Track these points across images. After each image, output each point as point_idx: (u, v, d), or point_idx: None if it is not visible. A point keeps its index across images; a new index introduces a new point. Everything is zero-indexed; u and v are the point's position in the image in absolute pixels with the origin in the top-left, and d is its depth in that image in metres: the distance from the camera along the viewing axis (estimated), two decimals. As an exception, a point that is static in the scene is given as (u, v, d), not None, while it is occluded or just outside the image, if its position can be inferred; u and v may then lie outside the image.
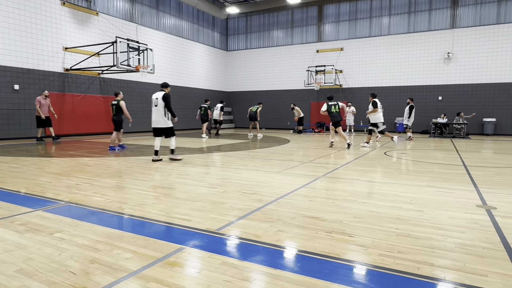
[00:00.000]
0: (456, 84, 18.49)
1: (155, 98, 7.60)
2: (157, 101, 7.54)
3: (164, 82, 7.84)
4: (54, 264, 2.46)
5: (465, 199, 4.42)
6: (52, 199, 4.33)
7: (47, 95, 12.37)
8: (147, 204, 4.11)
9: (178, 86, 20.64)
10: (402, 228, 3.26)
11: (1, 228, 3.22)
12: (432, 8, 18.97)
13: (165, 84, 7.79)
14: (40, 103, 12.08)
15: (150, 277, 2.27)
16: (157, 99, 7.57)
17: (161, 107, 7.54)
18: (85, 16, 15.27)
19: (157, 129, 7.71)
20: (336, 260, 2.55)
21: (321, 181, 5.61)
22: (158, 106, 7.54)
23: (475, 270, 2.39)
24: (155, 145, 7.79)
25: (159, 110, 7.56)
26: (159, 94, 7.61)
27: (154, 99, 7.62)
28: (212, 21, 23.84)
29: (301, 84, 22.18)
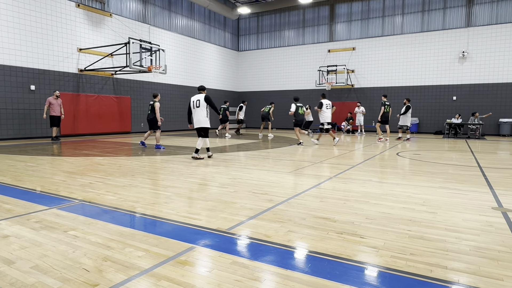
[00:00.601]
0: (471, 84, 18.13)
1: (196, 100, 8.03)
2: (199, 103, 8.00)
3: (202, 86, 8.28)
4: (68, 261, 2.51)
5: (480, 201, 4.33)
6: (67, 198, 4.41)
7: (58, 95, 12.58)
8: (158, 203, 4.15)
9: (189, 86, 20.79)
10: (414, 230, 3.22)
11: (18, 225, 3.30)
12: (447, 7, 18.63)
13: (203, 87, 8.23)
14: (50, 103, 12.30)
15: (161, 275, 2.30)
16: (198, 100, 8.01)
17: (204, 108, 8.01)
18: (99, 17, 15.52)
19: (199, 129, 8.14)
20: (347, 262, 2.53)
21: (332, 181, 5.58)
22: (200, 107, 8.00)
23: (490, 274, 2.34)
24: (198, 144, 8.18)
25: (202, 110, 8.02)
26: (200, 96, 8.05)
27: (195, 101, 8.04)
28: (224, 22, 23.93)
29: (312, 84, 22.07)
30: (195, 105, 8.05)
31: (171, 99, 19.59)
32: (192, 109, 8.11)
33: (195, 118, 8.11)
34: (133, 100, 17.36)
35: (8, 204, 4.07)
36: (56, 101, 12.49)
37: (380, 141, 13.31)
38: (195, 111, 8.07)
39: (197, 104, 8.03)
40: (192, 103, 8.09)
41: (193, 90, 21.00)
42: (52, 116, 12.41)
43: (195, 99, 8.08)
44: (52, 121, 12.49)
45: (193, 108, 8.07)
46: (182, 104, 20.28)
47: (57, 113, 12.48)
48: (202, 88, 8.19)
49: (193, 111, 8.09)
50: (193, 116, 8.13)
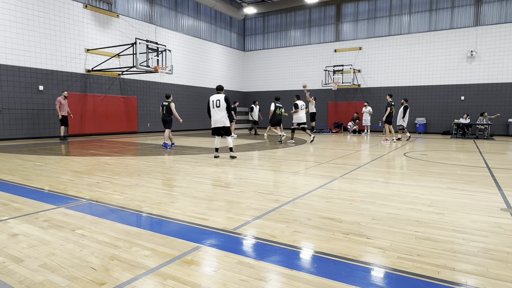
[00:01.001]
0: (479, 83, 17.92)
1: (216, 100, 8.10)
2: (219, 103, 8.08)
3: (220, 85, 8.32)
4: (75, 259, 2.53)
5: (489, 202, 4.28)
6: (74, 197, 4.46)
7: (66, 96, 12.76)
8: (164, 203, 4.17)
9: (195, 86, 20.86)
10: (421, 231, 3.19)
11: (27, 224, 3.34)
12: (455, 6, 18.44)
13: (221, 87, 8.29)
14: (60, 103, 12.49)
15: (167, 274, 2.31)
16: (218, 100, 8.08)
17: (224, 108, 8.10)
18: (106, 18, 15.64)
19: (219, 128, 8.22)
20: (353, 262, 2.52)
21: (338, 182, 5.55)
22: (220, 107, 8.09)
23: (498, 276, 2.31)
24: (216, 144, 8.38)
25: (222, 110, 8.11)
26: (220, 96, 8.12)
27: (215, 100, 8.10)
28: (230, 22, 23.97)
29: (318, 84, 22.00)
30: (214, 104, 8.08)
31: (178, 99, 19.66)
32: (211, 109, 8.15)
33: (213, 117, 8.17)
34: (140, 100, 17.47)
35: (17, 203, 4.13)
36: (65, 101, 12.68)
37: (387, 141, 13.20)
38: (214, 111, 8.12)
39: (217, 104, 8.07)
40: (211, 102, 8.12)
41: (199, 90, 21.09)
42: (61, 115, 12.58)
43: (215, 98, 8.11)
44: (61, 120, 12.66)
45: (212, 108, 8.11)
46: (188, 104, 20.35)
47: (65, 113, 12.68)
48: (220, 88, 8.23)
49: (212, 111, 8.14)
50: (212, 115, 8.17)
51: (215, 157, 8.30)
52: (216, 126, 8.22)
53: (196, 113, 21.04)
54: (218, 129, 8.24)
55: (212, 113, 8.18)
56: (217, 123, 8.18)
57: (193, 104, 20.75)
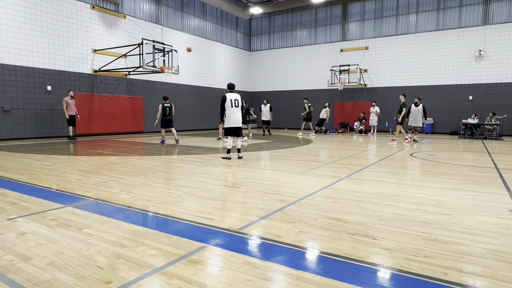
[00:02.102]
0: (488, 83, 17.70)
1: (234, 99, 7.87)
2: (238, 102, 7.91)
3: (234, 84, 8.15)
4: (82, 258, 2.55)
5: (497, 203, 4.23)
6: (81, 196, 4.50)
7: (72, 96, 12.90)
8: (170, 203, 4.19)
9: (202, 86, 20.93)
10: (428, 232, 3.16)
11: (35, 223, 3.37)
12: (463, 4, 18.24)
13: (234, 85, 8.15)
14: (67, 103, 12.64)
15: (173, 274, 2.32)
16: (237, 100, 7.90)
17: (240, 108, 7.99)
18: (113, 19, 15.76)
19: (237, 128, 8.03)
20: (360, 263, 2.51)
21: (344, 182, 5.53)
22: (239, 106, 7.94)
23: (507, 278, 2.29)
24: (229, 144, 8.12)
25: (239, 110, 7.99)
26: (237, 96, 7.97)
27: (233, 100, 7.86)
28: (236, 22, 23.99)
29: (324, 84, 21.93)
30: (233, 104, 7.83)
31: (184, 99, 19.75)
32: (229, 108, 7.82)
33: (231, 116, 7.87)
34: (146, 100, 17.57)
35: (25, 201, 4.18)
36: (72, 101, 12.82)
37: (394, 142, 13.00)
38: (232, 110, 7.83)
39: (236, 103, 7.87)
40: (230, 101, 7.81)
41: (205, 90, 21.15)
42: (69, 115, 12.72)
43: (233, 98, 7.86)
44: (68, 120, 12.81)
45: (231, 107, 7.82)
46: (194, 104, 20.42)
47: (72, 113, 12.82)
48: (234, 87, 8.06)
49: (230, 110, 7.83)
50: (230, 114, 7.87)
51: (228, 159, 7.97)
52: (234, 126, 7.97)
53: (202, 113, 21.11)
54: (236, 129, 8.02)
55: (229, 112, 7.84)
56: (235, 123, 7.93)
57: (199, 104, 20.81)
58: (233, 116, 7.89)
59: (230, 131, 8.01)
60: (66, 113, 12.60)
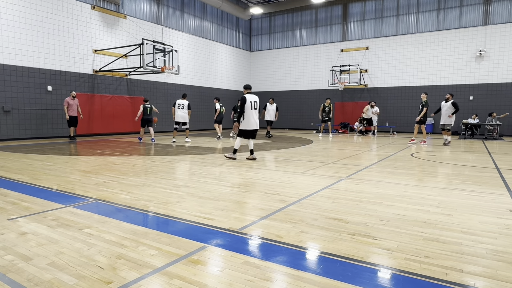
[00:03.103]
0: (488, 83, 17.69)
1: (253, 101, 7.67)
2: (256, 104, 7.72)
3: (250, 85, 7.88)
4: (83, 258, 2.56)
5: (498, 203, 4.23)
6: (82, 196, 4.50)
7: (74, 96, 12.86)
8: (171, 203, 4.19)
9: (202, 86, 20.93)
10: (429, 232, 3.16)
11: (35, 223, 3.38)
12: (463, 4, 18.24)
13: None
14: (68, 104, 12.61)
15: (174, 274, 2.32)
16: (256, 102, 7.72)
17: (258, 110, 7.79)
18: (114, 19, 15.77)
19: (255, 131, 7.88)
20: (360, 263, 2.51)
21: (345, 182, 5.53)
22: (257, 109, 7.76)
23: (508, 278, 2.28)
24: (238, 145, 7.98)
25: (257, 113, 7.80)
26: (256, 98, 7.78)
27: (253, 102, 7.66)
28: (236, 22, 24.00)
29: (325, 84, 21.92)
30: (253, 106, 7.64)
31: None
32: (248, 110, 7.62)
33: (252, 119, 7.69)
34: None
35: (26, 202, 4.18)
36: (74, 102, 12.79)
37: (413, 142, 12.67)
38: (251, 113, 7.65)
39: (255, 105, 7.67)
40: (250, 103, 7.63)
41: (205, 90, 21.15)
42: (70, 116, 12.71)
43: (253, 99, 7.66)
44: (69, 121, 12.80)
45: (251, 109, 7.63)
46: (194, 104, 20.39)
47: (74, 113, 12.80)
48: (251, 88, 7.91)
49: (250, 112, 7.64)
50: (249, 117, 7.67)
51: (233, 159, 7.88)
52: (252, 129, 7.77)
53: (203, 113, 21.10)
54: (254, 132, 7.84)
55: (248, 115, 7.63)
56: (254, 126, 7.75)
57: (199, 104, 20.80)
58: (252, 119, 7.70)
59: (247, 133, 7.83)
60: (67, 113, 12.60)
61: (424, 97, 12.71)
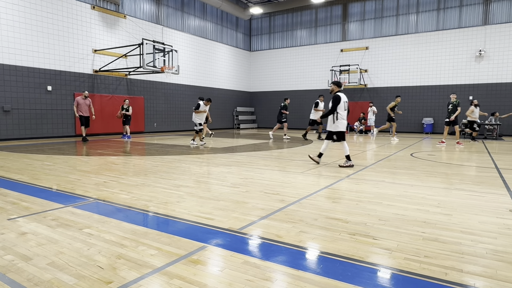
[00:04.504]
0: (488, 83, 17.70)
1: (346, 101, 7.22)
2: (347, 105, 7.27)
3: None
4: (83, 258, 2.56)
5: (497, 203, 4.23)
6: (82, 196, 4.50)
7: (86, 95, 12.72)
8: (171, 203, 4.19)
9: (202, 86, 20.93)
10: (429, 232, 3.16)
11: (35, 223, 3.38)
12: (463, 4, 18.24)
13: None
14: (78, 103, 12.47)
15: (174, 274, 2.32)
16: (347, 102, 7.26)
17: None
18: (113, 19, 15.77)
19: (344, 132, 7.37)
20: (360, 263, 2.51)
21: (344, 182, 5.53)
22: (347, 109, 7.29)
23: (507, 278, 2.29)
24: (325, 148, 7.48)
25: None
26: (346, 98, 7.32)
27: (346, 102, 7.21)
28: (236, 22, 24.00)
29: (324, 84, 21.92)
30: (345, 106, 7.15)
31: (184, 99, 19.75)
32: (342, 110, 7.10)
33: (343, 121, 7.16)
34: (147, 100, 17.58)
35: (26, 202, 4.18)
36: (84, 101, 12.63)
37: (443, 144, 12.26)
38: (344, 114, 7.15)
39: (347, 106, 7.20)
40: (345, 103, 7.16)
41: (205, 90, 21.14)
42: (80, 116, 12.56)
43: (346, 99, 7.20)
44: (80, 121, 12.64)
45: (344, 110, 7.13)
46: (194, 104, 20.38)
47: (84, 113, 12.62)
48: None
49: (343, 113, 7.13)
50: (343, 117, 7.13)
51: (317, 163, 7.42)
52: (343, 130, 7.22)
53: (202, 113, 21.08)
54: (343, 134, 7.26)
55: (342, 115, 7.10)
56: (345, 127, 7.21)
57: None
58: (343, 121, 7.17)
59: (340, 135, 7.22)
60: (76, 112, 12.44)
61: (453, 97, 12.33)
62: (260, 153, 9.50)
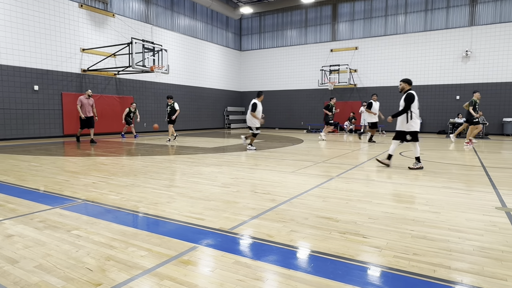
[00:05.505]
0: (474, 83, 18.03)
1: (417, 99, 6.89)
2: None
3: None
4: (71, 260, 2.52)
5: (484, 201, 4.31)
6: (70, 197, 4.43)
7: (90, 95, 11.89)
8: (161, 203, 4.16)
9: (192, 86, 20.83)
10: (417, 230, 3.21)
11: (22, 225, 3.31)
12: (450, 6, 18.55)
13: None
14: (81, 103, 11.68)
15: (164, 275, 2.30)
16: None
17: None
18: (102, 18, 15.57)
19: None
20: (350, 261, 2.53)
21: (335, 181, 5.57)
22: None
23: (494, 274, 2.33)
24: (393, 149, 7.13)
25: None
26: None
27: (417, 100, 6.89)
28: (226, 21, 23.94)
29: (314, 84, 22.04)
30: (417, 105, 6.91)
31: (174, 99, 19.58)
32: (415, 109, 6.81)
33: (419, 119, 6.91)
34: (136, 100, 17.40)
35: (12, 203, 4.10)
36: (88, 101, 11.84)
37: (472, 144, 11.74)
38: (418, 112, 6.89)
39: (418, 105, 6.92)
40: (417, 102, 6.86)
41: (195, 90, 21.05)
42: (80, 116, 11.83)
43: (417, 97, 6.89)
44: (82, 122, 11.90)
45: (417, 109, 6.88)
46: (185, 104, 20.29)
47: (88, 113, 11.84)
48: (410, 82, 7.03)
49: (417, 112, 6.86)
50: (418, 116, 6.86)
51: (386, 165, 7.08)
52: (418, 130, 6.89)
53: (192, 112, 21.01)
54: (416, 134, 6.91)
55: (417, 114, 6.82)
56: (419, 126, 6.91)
57: (189, 104, 20.71)
58: (418, 120, 6.85)
59: (414, 135, 6.83)
60: (81, 112, 11.67)
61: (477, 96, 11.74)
62: (250, 153, 9.50)
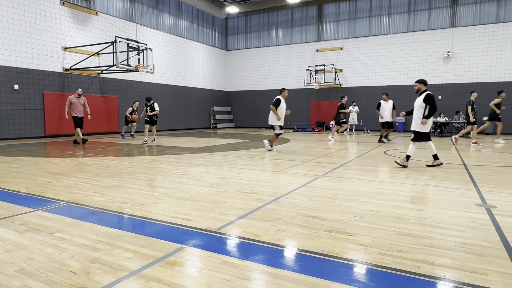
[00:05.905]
0: (455, 83, 18.50)
1: None
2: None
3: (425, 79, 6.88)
4: (54, 263, 2.46)
5: (465, 198, 4.43)
6: (52, 199, 4.33)
7: (80, 94, 11.59)
8: (147, 204, 4.11)
9: (177, 85, 20.65)
10: (402, 227, 3.27)
11: (2, 228, 3.22)
12: (432, 7, 18.97)
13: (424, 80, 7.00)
14: (71, 102, 11.39)
15: (150, 276, 2.28)
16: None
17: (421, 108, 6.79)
18: (85, 15, 15.26)
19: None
20: (336, 259, 2.56)
21: (321, 180, 5.62)
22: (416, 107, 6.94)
23: (475, 269, 2.40)
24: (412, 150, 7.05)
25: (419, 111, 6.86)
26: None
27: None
28: (212, 21, 23.83)
29: (301, 84, 22.18)
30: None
31: (159, 99, 19.39)
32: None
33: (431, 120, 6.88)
34: (121, 99, 17.15)
35: (-9, 206, 3.97)
36: (78, 100, 11.53)
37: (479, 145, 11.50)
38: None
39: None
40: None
41: (181, 90, 20.87)
42: (74, 116, 11.50)
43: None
44: (75, 122, 11.57)
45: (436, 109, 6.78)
46: (170, 104, 20.11)
47: (79, 114, 11.55)
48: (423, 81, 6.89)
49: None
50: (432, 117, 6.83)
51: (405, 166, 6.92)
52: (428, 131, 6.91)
53: (178, 112, 20.83)
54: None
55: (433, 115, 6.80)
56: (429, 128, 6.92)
57: (175, 104, 20.53)
58: (430, 120, 6.88)
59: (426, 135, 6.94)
60: (66, 113, 11.41)
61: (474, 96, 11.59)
62: (237, 153, 9.49)
